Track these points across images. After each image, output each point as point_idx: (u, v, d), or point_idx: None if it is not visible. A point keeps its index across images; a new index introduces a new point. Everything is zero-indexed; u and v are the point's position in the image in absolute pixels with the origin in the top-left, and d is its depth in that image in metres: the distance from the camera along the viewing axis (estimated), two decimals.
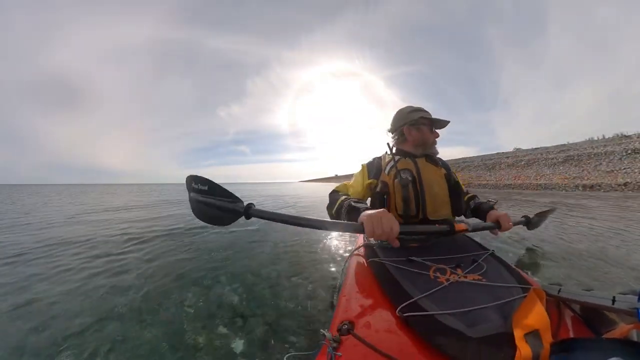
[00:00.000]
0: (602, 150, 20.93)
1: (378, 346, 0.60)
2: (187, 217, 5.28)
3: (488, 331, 0.56)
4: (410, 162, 1.18)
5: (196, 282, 2.02)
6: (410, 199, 1.09)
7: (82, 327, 1.44)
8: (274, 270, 2.22)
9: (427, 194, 1.11)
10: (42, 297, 1.81)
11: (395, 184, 1.12)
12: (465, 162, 43.01)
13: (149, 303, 1.71)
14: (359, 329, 0.69)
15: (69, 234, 3.96)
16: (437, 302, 0.69)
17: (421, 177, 1.13)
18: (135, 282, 2.05)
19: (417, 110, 1.23)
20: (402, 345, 0.62)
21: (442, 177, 1.19)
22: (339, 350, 0.62)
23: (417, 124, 1.22)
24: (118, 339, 1.34)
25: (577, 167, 20.43)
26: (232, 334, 1.38)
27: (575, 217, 4.58)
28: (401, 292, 0.77)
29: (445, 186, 1.17)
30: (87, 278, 2.14)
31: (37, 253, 2.90)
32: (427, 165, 1.20)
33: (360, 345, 0.62)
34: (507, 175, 26.91)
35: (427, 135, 1.22)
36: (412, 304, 0.70)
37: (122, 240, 3.41)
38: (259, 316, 1.53)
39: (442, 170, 1.23)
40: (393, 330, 0.68)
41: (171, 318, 1.53)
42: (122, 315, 1.57)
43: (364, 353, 0.60)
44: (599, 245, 2.68)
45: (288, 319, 1.50)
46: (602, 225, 3.80)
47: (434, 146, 1.25)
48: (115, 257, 2.73)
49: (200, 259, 2.62)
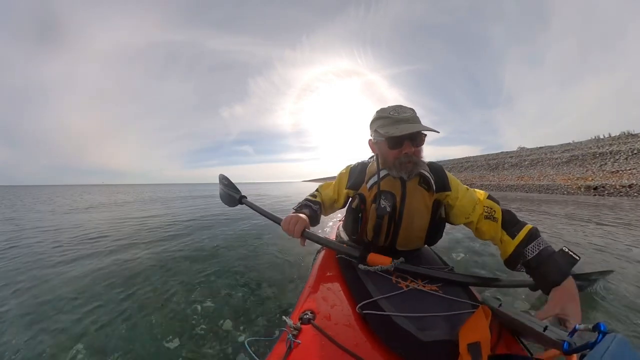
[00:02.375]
0: (607, 149, 20.42)
1: (335, 338, 0.64)
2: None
3: (436, 337, 0.62)
4: (397, 183, 0.97)
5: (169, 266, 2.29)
6: (382, 231, 1.02)
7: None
8: (250, 262, 2.44)
9: (404, 227, 1.00)
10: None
11: (372, 209, 1.01)
12: (468, 161, 42.59)
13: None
14: (319, 319, 0.72)
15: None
16: (395, 305, 0.73)
17: (403, 206, 0.97)
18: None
19: (383, 117, 0.93)
20: (357, 340, 0.66)
21: (428, 208, 1.00)
22: (298, 337, 0.65)
23: (378, 137, 0.95)
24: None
25: (582, 167, 19.98)
26: (194, 314, 1.48)
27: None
28: (363, 291, 0.81)
29: (427, 218, 1.01)
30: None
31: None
32: (417, 191, 0.98)
33: (319, 335, 0.66)
34: (511, 176, 26.52)
35: (387, 153, 0.94)
36: (372, 303, 0.75)
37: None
38: (224, 300, 1.64)
39: (433, 197, 1.01)
40: (351, 325, 0.72)
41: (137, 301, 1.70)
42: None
43: (322, 343, 0.63)
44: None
45: (253, 304, 1.57)
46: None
47: (404, 167, 0.92)
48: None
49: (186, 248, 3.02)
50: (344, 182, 1.15)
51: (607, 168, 17.74)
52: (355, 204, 1.07)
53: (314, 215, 1.13)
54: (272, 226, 5.13)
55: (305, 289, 0.93)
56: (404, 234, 1.02)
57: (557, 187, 16.66)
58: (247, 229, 4.12)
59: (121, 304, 1.65)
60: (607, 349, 0.35)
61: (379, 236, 1.03)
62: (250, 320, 1.43)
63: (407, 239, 1.04)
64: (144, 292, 1.83)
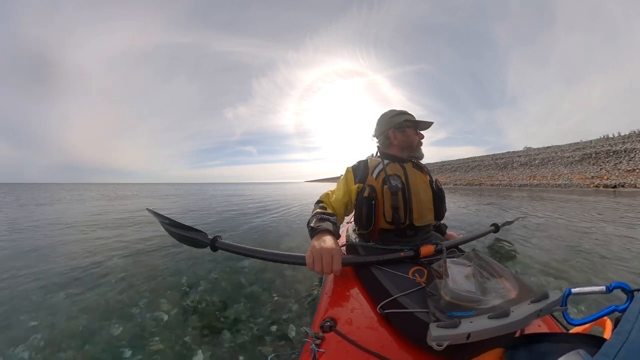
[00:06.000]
0: (620, 147, 20.50)
1: (360, 342, 0.62)
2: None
3: None
4: (399, 167, 1.19)
5: (173, 283, 1.93)
6: (400, 207, 1.09)
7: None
8: (258, 273, 2.17)
9: (415, 201, 1.13)
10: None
11: (385, 190, 1.11)
12: (474, 161, 42.60)
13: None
14: (341, 325, 0.70)
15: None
16: (415, 301, 0.70)
17: (409, 183, 1.15)
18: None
19: (401, 113, 1.26)
20: (383, 341, 0.64)
21: (427, 184, 1.23)
22: (321, 346, 0.63)
23: (402, 127, 1.22)
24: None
25: (595, 166, 20.01)
26: (211, 339, 1.33)
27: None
28: (381, 290, 0.79)
29: (430, 193, 1.21)
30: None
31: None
32: (414, 171, 1.21)
33: (343, 341, 0.63)
34: (521, 175, 26.49)
35: (413, 138, 1.23)
36: (393, 301, 0.71)
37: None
38: (241, 319, 1.50)
39: (427, 176, 1.27)
40: (374, 326, 0.69)
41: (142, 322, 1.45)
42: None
43: (347, 349, 0.61)
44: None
45: (271, 318, 1.48)
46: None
47: (419, 148, 1.25)
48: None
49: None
50: (351, 179, 1.22)
51: (623, 166, 17.77)
52: (367, 192, 1.13)
53: (336, 231, 1.02)
54: (280, 226, 4.58)
55: (322, 297, 0.91)
56: (417, 206, 1.12)
57: (575, 186, 16.72)
58: (261, 227, 3.90)
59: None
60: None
61: (397, 212, 1.09)
62: (270, 335, 1.36)
63: (420, 213, 1.13)
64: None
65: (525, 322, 0.49)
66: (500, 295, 0.57)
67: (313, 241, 0.90)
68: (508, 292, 0.58)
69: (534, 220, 4.02)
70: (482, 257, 0.73)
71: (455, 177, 37.23)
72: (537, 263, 2.16)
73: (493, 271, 0.67)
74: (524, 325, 0.50)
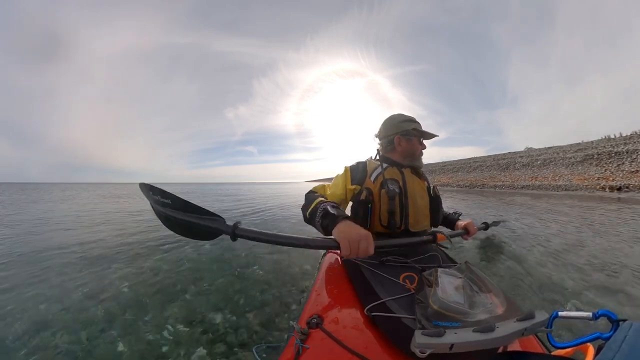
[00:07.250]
0: (623, 148, 20.37)
1: (344, 341, 0.62)
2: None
3: None
4: (397, 171, 1.19)
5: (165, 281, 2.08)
6: (396, 212, 1.10)
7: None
8: (253, 268, 2.29)
9: (411, 206, 1.14)
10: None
11: (382, 194, 1.12)
12: (476, 162, 42.34)
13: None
14: (327, 323, 0.71)
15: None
16: (403, 307, 0.70)
17: (407, 189, 1.15)
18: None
19: (409, 120, 1.25)
20: (367, 343, 0.64)
21: (425, 190, 1.23)
22: (306, 342, 0.63)
23: (409, 135, 1.23)
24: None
25: (598, 167, 19.88)
26: (199, 324, 1.41)
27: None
28: (371, 293, 0.79)
29: (427, 199, 1.22)
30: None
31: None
32: (412, 177, 1.22)
33: (328, 339, 0.64)
34: (524, 176, 26.37)
35: (416, 147, 1.25)
36: (380, 305, 0.72)
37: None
38: (229, 309, 1.56)
39: (425, 183, 1.27)
40: (360, 327, 0.70)
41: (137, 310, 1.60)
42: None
43: (331, 347, 0.62)
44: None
45: (259, 311, 1.52)
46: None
47: (420, 158, 1.27)
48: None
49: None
50: (349, 179, 1.21)
51: (626, 168, 17.64)
52: (364, 195, 1.13)
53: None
54: (276, 224, 4.98)
55: (311, 293, 0.92)
56: (413, 212, 1.13)
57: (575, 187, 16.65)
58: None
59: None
60: (625, 338, 0.35)
61: (393, 217, 1.10)
62: (257, 327, 1.40)
63: (417, 218, 1.14)
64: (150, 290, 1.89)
65: (509, 339, 0.49)
66: (488, 310, 0.58)
67: (341, 227, 0.83)
68: (495, 307, 0.60)
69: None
70: (474, 271, 0.74)
71: (457, 177, 37.16)
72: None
73: (483, 285, 0.69)
74: (508, 342, 0.50)
